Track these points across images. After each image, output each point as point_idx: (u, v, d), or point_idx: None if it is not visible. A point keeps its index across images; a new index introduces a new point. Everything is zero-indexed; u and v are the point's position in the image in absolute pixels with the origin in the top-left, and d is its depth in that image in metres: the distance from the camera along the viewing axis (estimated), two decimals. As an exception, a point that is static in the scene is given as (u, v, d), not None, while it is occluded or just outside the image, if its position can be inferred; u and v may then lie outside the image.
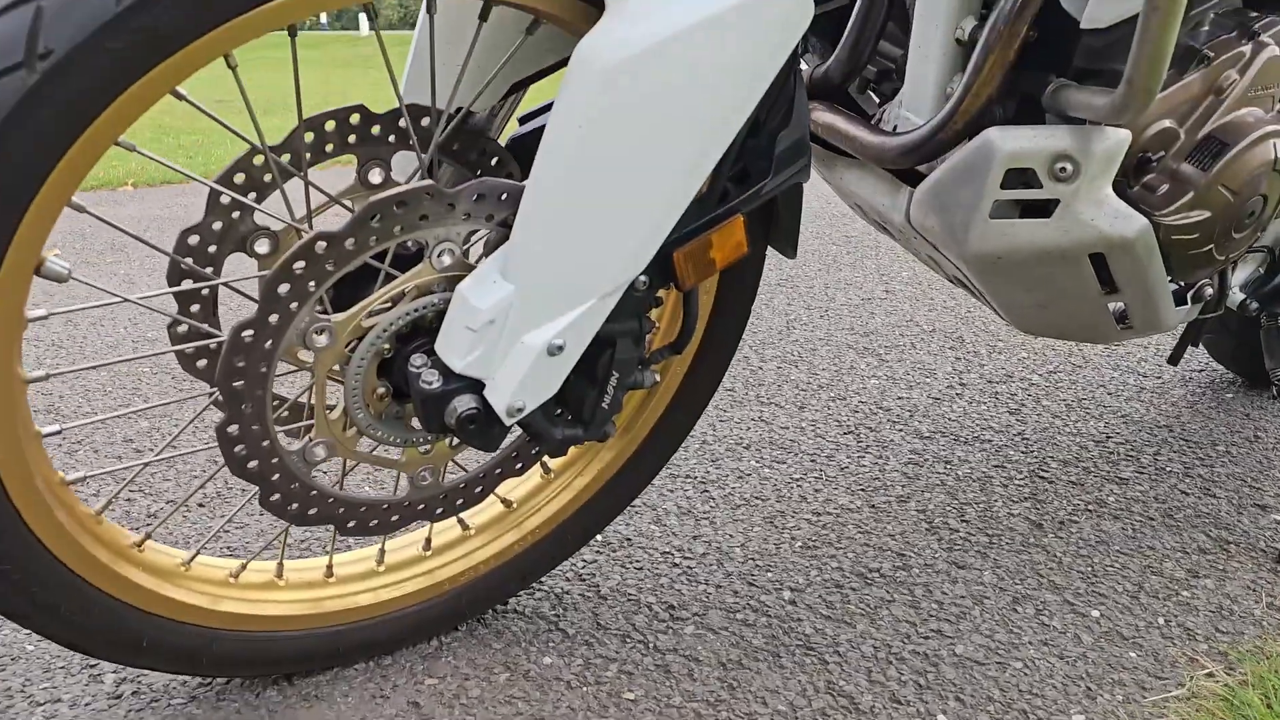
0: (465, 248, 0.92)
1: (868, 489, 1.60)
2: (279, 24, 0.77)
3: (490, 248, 0.94)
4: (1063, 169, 1.05)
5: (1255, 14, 1.16)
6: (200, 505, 1.51)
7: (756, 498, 1.56)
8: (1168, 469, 1.70)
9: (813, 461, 1.69)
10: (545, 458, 1.17)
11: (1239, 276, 1.43)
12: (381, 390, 0.95)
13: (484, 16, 0.88)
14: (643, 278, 0.93)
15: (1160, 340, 2.28)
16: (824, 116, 1.22)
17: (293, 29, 0.79)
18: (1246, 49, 1.13)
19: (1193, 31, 1.12)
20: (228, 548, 1.38)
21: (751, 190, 0.97)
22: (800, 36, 0.87)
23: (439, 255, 0.90)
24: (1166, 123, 1.12)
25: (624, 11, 0.79)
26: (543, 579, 1.31)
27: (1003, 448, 1.76)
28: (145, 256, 3.18)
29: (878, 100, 1.33)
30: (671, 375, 1.17)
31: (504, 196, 0.89)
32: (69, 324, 2.41)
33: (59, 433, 0.89)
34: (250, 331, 0.84)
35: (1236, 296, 1.42)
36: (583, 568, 1.35)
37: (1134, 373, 2.13)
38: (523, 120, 1.07)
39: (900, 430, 1.82)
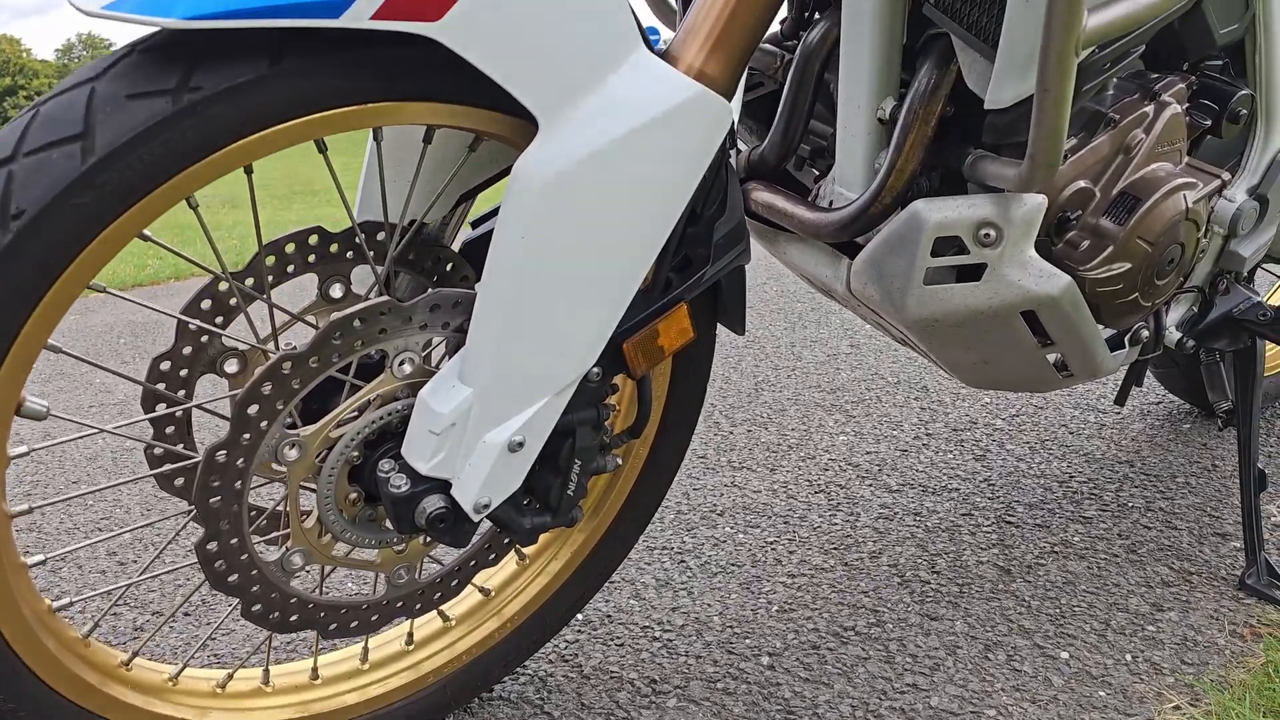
0: (425, 353, 0.96)
1: (840, 547, 1.64)
2: (237, 164, 0.82)
3: (450, 350, 0.99)
4: (986, 235, 1.11)
5: (1155, 75, 1.24)
6: (186, 614, 1.53)
7: (732, 564, 1.60)
8: (1130, 505, 1.75)
9: (785, 523, 1.73)
10: (518, 546, 1.21)
11: (1174, 316, 1.49)
12: (353, 495, 0.99)
13: (427, 139, 0.94)
14: (595, 369, 0.98)
15: (1119, 378, 2.34)
16: (763, 196, 1.28)
17: (248, 168, 0.84)
18: (1150, 109, 1.21)
19: (1098, 96, 1.19)
20: (214, 655, 1.40)
21: (693, 279, 1.02)
22: (724, 139, 0.93)
23: (400, 364, 0.94)
24: (1082, 183, 1.18)
25: (557, 128, 0.85)
26: (526, 663, 1.33)
27: (970, 495, 1.81)
28: (121, 364, 3.22)
29: (816, 174, 1.40)
30: (635, 456, 1.21)
31: (457, 304, 0.95)
32: (49, 451, 2.43)
33: (44, 562, 0.93)
34: (224, 452, 0.88)
35: (1173, 335, 1.48)
36: (565, 648, 1.38)
37: (1094, 410, 2.19)
38: (475, 224, 1.13)
39: (870, 485, 1.87)
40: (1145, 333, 1.39)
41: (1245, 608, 1.42)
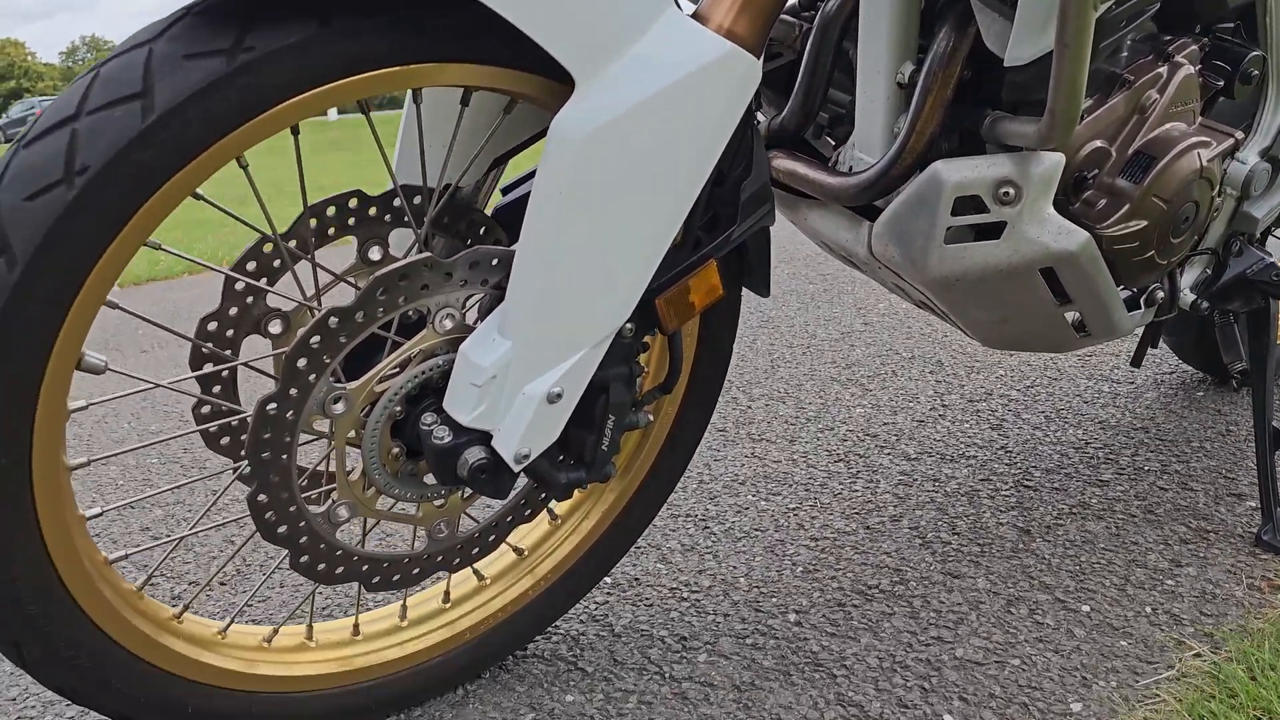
0: (463, 311, 0.99)
1: (861, 512, 1.67)
2: (285, 124, 0.85)
3: (485, 310, 1.02)
4: (1006, 194, 1.14)
5: (1168, 37, 1.27)
6: (222, 584, 1.56)
7: (756, 529, 1.63)
8: (1146, 468, 1.77)
9: (807, 491, 1.76)
10: (552, 503, 1.24)
11: (1188, 278, 1.52)
12: (396, 450, 1.02)
13: (465, 102, 0.97)
14: (629, 325, 1.01)
15: (1129, 348, 2.36)
16: (784, 164, 1.31)
17: (295, 129, 0.88)
18: (1163, 70, 1.23)
19: (1112, 58, 1.22)
20: (252, 620, 1.44)
21: (721, 237, 1.05)
22: (751, 95, 0.96)
23: (441, 320, 0.98)
24: (1098, 143, 1.21)
25: (593, 86, 0.88)
26: (558, 622, 1.36)
27: (987, 462, 1.83)
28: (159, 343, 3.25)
29: (833, 143, 1.43)
30: (664, 415, 1.24)
31: (496, 262, 0.98)
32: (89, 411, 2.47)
33: (101, 514, 0.96)
34: (274, 405, 0.91)
35: (1188, 297, 1.50)
36: (595, 609, 1.41)
37: (1108, 380, 2.21)
38: (505, 190, 1.16)
39: (888, 454, 1.89)
40: (1160, 294, 1.41)
41: (1262, 563, 1.44)
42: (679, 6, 0.92)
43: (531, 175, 1.01)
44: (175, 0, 0.83)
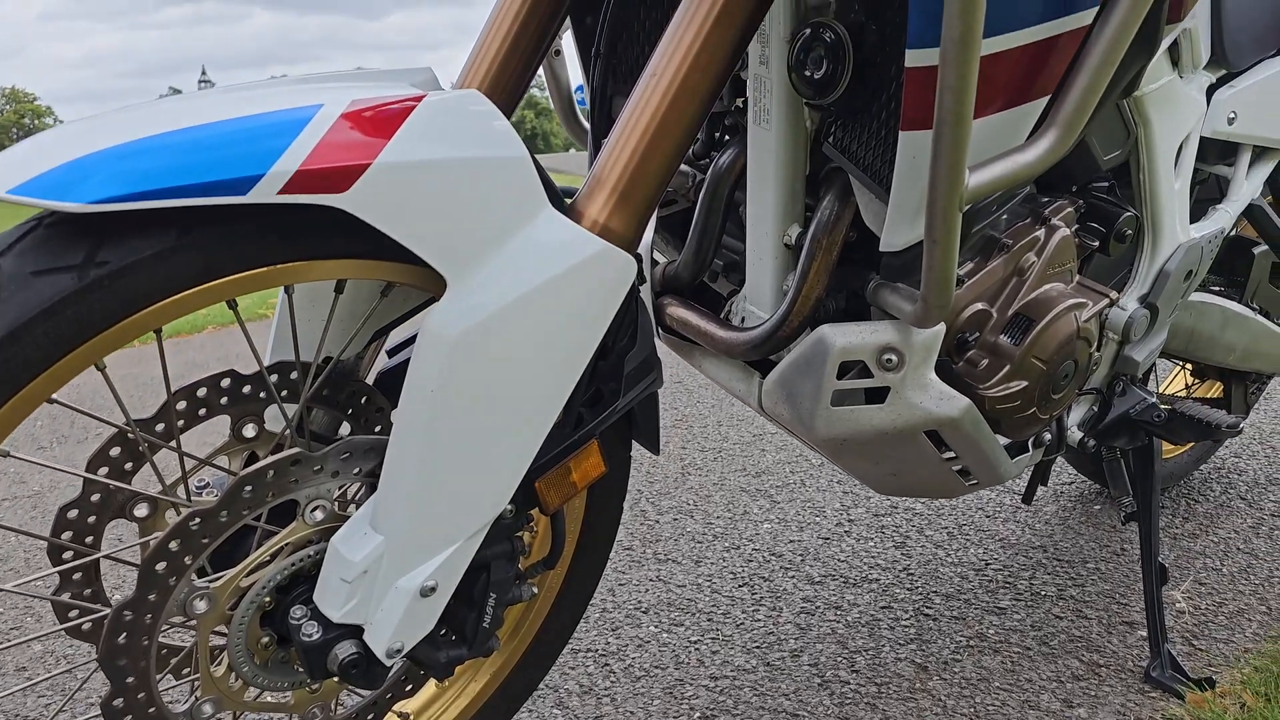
0: (335, 501, 0.97)
1: (763, 645, 1.66)
2: (148, 328, 0.83)
3: (367, 492, 1.00)
4: (889, 360, 1.15)
5: (1045, 199, 1.31)
6: (99, 736, 1.49)
7: (656, 667, 1.61)
8: (1043, 593, 1.80)
9: (709, 620, 1.75)
10: (437, 672, 1.20)
11: (1075, 416, 1.56)
12: (265, 639, 0.99)
13: (339, 290, 0.96)
14: (509, 507, 1.00)
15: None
16: (678, 312, 1.32)
17: (158, 329, 0.85)
18: (1040, 233, 1.27)
19: (992, 223, 1.25)
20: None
21: (605, 413, 1.04)
22: (629, 288, 0.96)
23: (312, 512, 0.95)
24: (979, 305, 1.24)
25: (464, 286, 0.88)
26: (448, 784, 1.32)
27: (889, 586, 1.84)
28: (33, 450, 3.14)
29: (731, 286, 1.44)
30: (553, 577, 1.23)
31: (369, 450, 0.96)
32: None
33: (-58, 723, 0.91)
34: (130, 613, 0.88)
35: (1075, 435, 1.54)
36: (488, 765, 1.38)
37: (1009, 492, 2.25)
38: (391, 353, 1.14)
39: (793, 577, 1.89)
40: (1048, 436, 1.44)
41: (1151, 701, 1.47)
42: (556, 204, 0.92)
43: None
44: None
